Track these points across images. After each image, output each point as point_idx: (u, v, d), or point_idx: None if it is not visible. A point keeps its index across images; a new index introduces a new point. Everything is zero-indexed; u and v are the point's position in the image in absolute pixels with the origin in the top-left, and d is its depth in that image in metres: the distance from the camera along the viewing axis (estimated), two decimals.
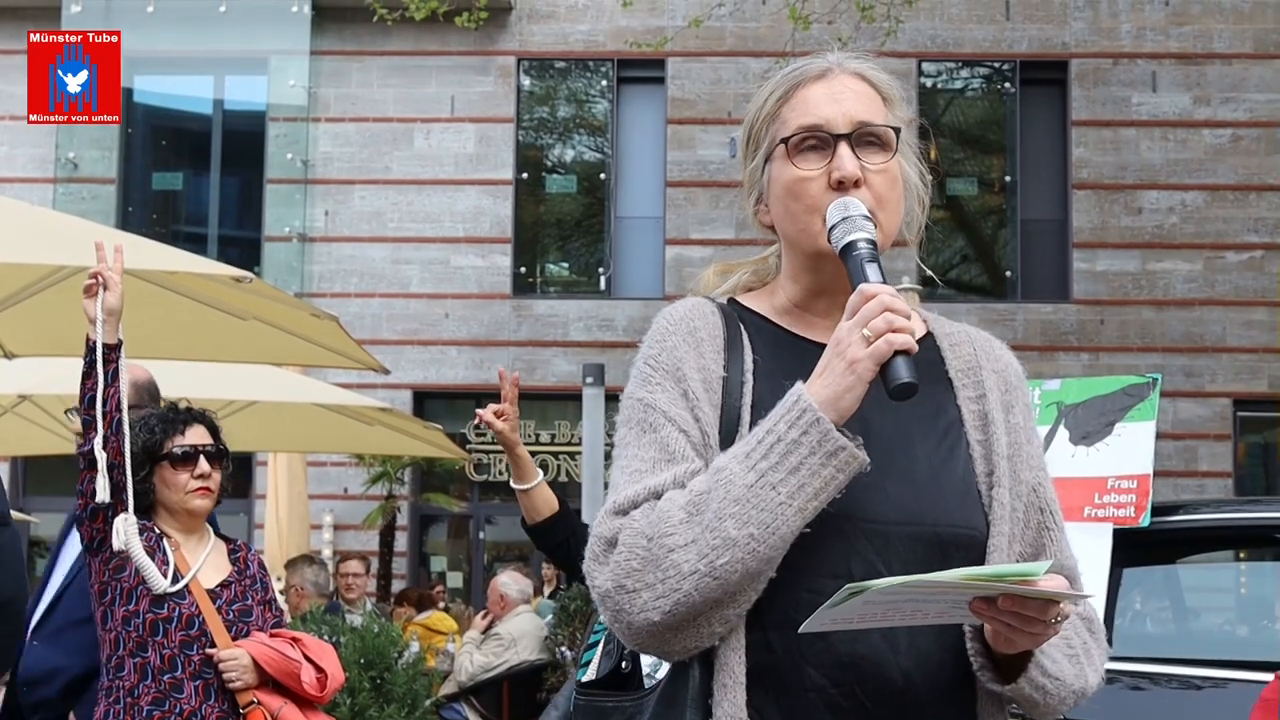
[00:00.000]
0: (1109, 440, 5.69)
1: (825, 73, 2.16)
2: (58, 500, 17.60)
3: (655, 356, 2.13)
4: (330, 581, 11.13)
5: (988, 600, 1.87)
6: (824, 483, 1.94)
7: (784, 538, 1.94)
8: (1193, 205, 17.50)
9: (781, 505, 1.93)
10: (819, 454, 1.93)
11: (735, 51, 17.79)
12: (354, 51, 18.05)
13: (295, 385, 9.77)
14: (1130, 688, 5.56)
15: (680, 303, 2.21)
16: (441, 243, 17.78)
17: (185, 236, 18.10)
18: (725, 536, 1.92)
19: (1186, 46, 17.77)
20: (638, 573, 1.95)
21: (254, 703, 4.38)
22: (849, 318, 1.98)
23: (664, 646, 2.00)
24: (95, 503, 4.22)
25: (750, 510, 1.92)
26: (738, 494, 1.93)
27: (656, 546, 1.95)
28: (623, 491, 2.04)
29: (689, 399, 2.08)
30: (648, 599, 1.94)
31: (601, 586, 1.99)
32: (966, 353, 2.23)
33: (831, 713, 2.00)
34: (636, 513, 2.00)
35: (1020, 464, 2.17)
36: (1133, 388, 5.78)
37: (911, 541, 2.02)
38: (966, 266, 18.63)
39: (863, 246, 2.04)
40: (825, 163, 2.11)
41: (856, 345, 1.95)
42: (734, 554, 1.92)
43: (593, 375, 11.93)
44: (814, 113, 2.13)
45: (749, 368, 2.13)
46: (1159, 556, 6.28)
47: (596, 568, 2.01)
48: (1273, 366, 17.08)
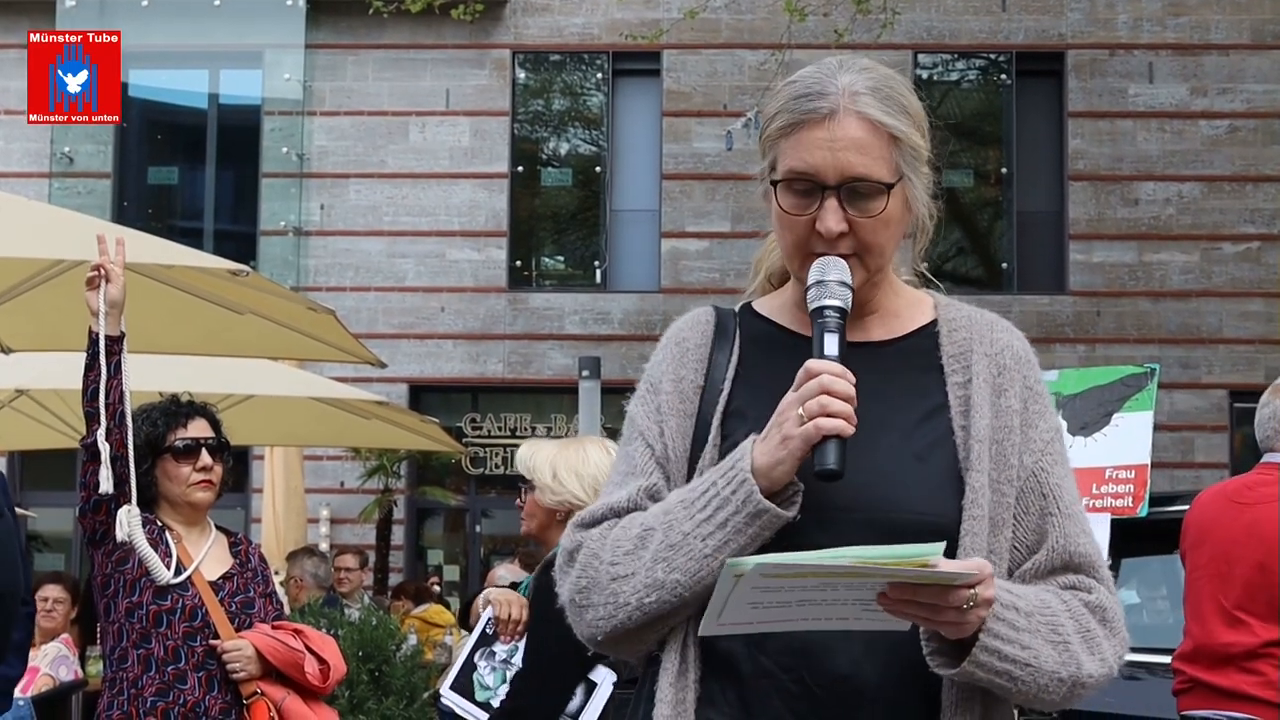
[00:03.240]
0: (1107, 431, 5.70)
1: (830, 116, 2.09)
2: (56, 495, 17.59)
3: (648, 370, 2.25)
4: (331, 574, 11.14)
5: (894, 587, 1.88)
6: (749, 539, 2.02)
7: (708, 584, 1.99)
8: (1189, 196, 17.50)
9: (707, 558, 2.02)
10: (743, 514, 2.02)
11: (730, 44, 17.77)
12: (349, 45, 18.02)
13: (291, 379, 9.76)
14: (1128, 677, 5.56)
15: (690, 313, 2.28)
16: (437, 236, 17.76)
17: (181, 231, 18.05)
18: (655, 579, 2.04)
19: (1183, 37, 17.76)
20: (586, 591, 2.10)
21: (257, 693, 4.39)
22: (795, 389, 2.02)
23: (613, 652, 2.16)
24: (98, 494, 4.22)
25: (679, 558, 2.03)
26: (674, 540, 2.04)
27: (603, 573, 2.08)
28: (590, 505, 2.19)
29: (660, 413, 2.17)
30: (592, 617, 2.09)
31: (564, 596, 2.15)
32: (962, 337, 2.22)
33: (781, 699, 2.04)
34: (595, 531, 2.13)
35: (1011, 448, 2.13)
36: (1130, 378, 5.79)
37: (865, 529, 2.01)
38: (963, 258, 18.63)
39: (829, 315, 2.07)
40: (814, 207, 2.11)
41: (791, 422, 2.00)
42: (660, 595, 2.04)
43: (589, 368, 11.91)
44: (806, 160, 2.10)
45: (730, 375, 2.17)
46: (1157, 547, 6.29)
47: (560, 578, 2.16)
48: (1269, 358, 17.08)
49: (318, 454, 16.00)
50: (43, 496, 17.47)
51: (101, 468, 4.20)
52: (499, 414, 17.84)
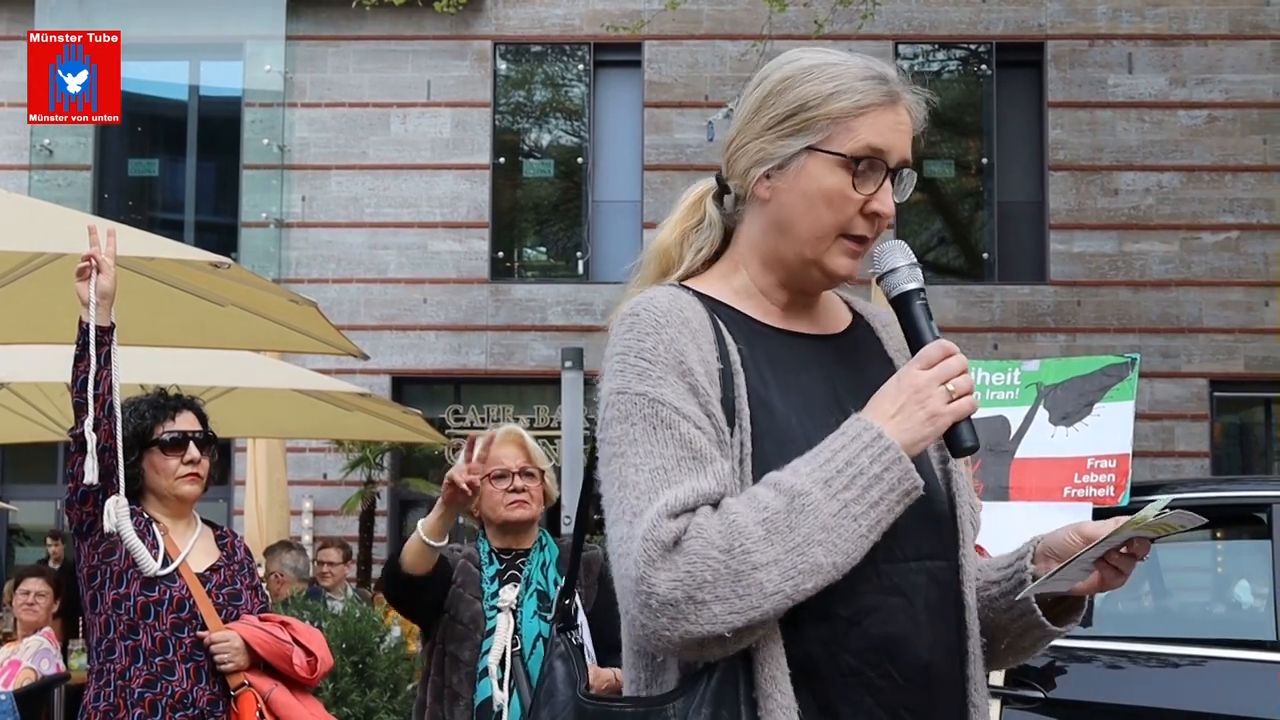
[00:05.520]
0: (1088, 420, 5.72)
1: (895, 100, 2.16)
2: (37, 488, 17.57)
3: (652, 349, 2.07)
4: (310, 567, 11.12)
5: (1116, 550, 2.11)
6: (895, 518, 2.00)
7: (853, 565, 1.98)
8: (1169, 186, 17.56)
9: (861, 538, 1.97)
10: (897, 491, 1.99)
11: (712, 35, 17.78)
12: (330, 36, 17.99)
13: (274, 371, 9.75)
14: (1109, 666, 5.60)
15: (658, 292, 2.17)
16: (419, 228, 17.75)
17: (162, 223, 18.03)
18: (814, 563, 1.94)
19: (1162, 28, 17.81)
20: (710, 584, 1.92)
21: (245, 685, 4.40)
22: (924, 367, 2.05)
23: (709, 653, 1.99)
24: (84, 485, 4.23)
25: (836, 539, 1.95)
26: (824, 521, 1.95)
27: (736, 561, 1.93)
28: (666, 492, 1.98)
29: (699, 394, 2.05)
30: (719, 612, 1.92)
31: (666, 594, 1.93)
32: (893, 332, 2.29)
33: (870, 694, 2.04)
34: (699, 519, 1.96)
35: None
36: (1112, 368, 5.80)
37: (913, 521, 2.06)
38: (944, 249, 18.67)
39: (922, 298, 2.13)
40: (870, 189, 2.13)
41: (938, 399, 2.02)
42: (817, 580, 1.95)
43: (571, 359, 11.92)
44: (887, 138, 2.14)
45: (736, 359, 2.12)
46: None
47: (655, 572, 1.94)
48: (1248, 347, 17.17)
49: (300, 446, 15.99)
50: (24, 490, 17.43)
51: (87, 458, 4.20)
52: (481, 405, 17.84)
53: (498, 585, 4.64)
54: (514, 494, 4.72)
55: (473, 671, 4.52)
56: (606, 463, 2.06)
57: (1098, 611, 5.62)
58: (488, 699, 4.49)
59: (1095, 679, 5.55)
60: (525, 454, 4.80)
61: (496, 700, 4.48)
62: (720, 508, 1.97)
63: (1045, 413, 5.81)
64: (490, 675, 4.50)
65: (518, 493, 4.72)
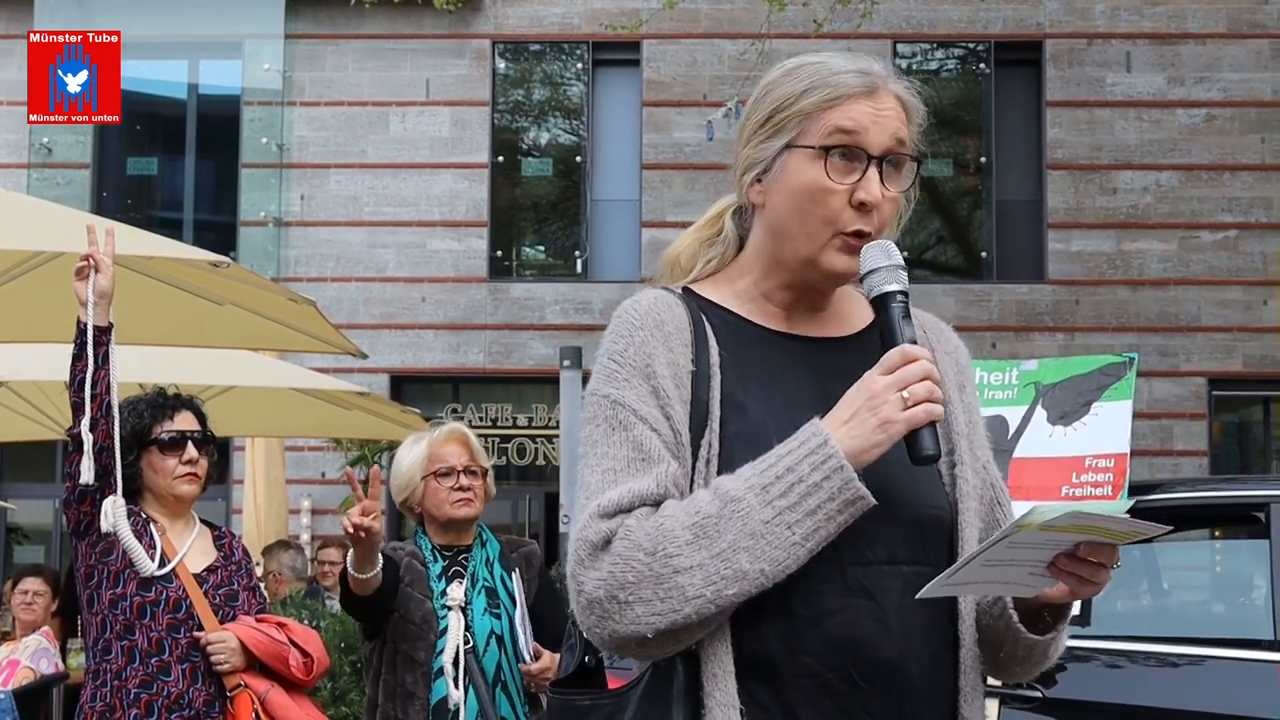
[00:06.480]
0: (1086, 420, 5.72)
1: (874, 89, 2.14)
2: (36, 487, 17.56)
3: (621, 352, 2.11)
4: (308, 566, 11.12)
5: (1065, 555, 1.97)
6: (836, 526, 1.97)
7: (788, 573, 1.96)
8: (1167, 185, 17.55)
9: (795, 545, 1.95)
10: (837, 501, 1.96)
11: (710, 34, 17.77)
12: (328, 35, 17.98)
13: (272, 370, 9.74)
14: (1108, 665, 5.60)
15: (643, 295, 2.19)
16: (418, 226, 17.74)
17: (160, 222, 18.01)
18: (738, 569, 1.94)
19: (1160, 26, 17.81)
20: (633, 585, 1.95)
21: (241, 685, 4.40)
22: (883, 373, 2.01)
23: (642, 654, 2.02)
24: (81, 485, 4.22)
25: (765, 547, 1.94)
26: (754, 528, 1.94)
27: (659, 564, 1.94)
28: (605, 493, 2.02)
29: (659, 396, 2.07)
30: (642, 613, 1.95)
31: (591, 592, 1.98)
32: (919, 336, 2.23)
33: (828, 695, 2.02)
34: (630, 521, 1.98)
35: (978, 442, 2.23)
36: (1110, 367, 5.81)
37: (889, 525, 2.05)
38: (942, 248, 18.66)
39: (901, 300, 2.07)
40: (852, 178, 2.11)
41: (892, 405, 1.98)
42: (742, 586, 1.94)
43: (570, 358, 11.91)
44: (858, 125, 2.11)
45: (715, 362, 2.12)
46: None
47: (584, 571, 1.99)
48: (1247, 345, 17.16)
49: (299, 445, 15.97)
50: (22, 488, 17.42)
51: (84, 458, 4.19)
52: (480, 404, 17.83)
53: (444, 583, 4.66)
54: (459, 492, 4.77)
55: (428, 671, 4.55)
56: (578, 462, 2.11)
57: (1096, 611, 5.62)
58: (443, 698, 4.53)
59: (1094, 678, 5.55)
60: (469, 452, 4.85)
61: (452, 699, 4.51)
62: (659, 510, 1.98)
63: (1043, 412, 5.81)
64: (445, 674, 4.52)
65: (463, 490, 4.77)
